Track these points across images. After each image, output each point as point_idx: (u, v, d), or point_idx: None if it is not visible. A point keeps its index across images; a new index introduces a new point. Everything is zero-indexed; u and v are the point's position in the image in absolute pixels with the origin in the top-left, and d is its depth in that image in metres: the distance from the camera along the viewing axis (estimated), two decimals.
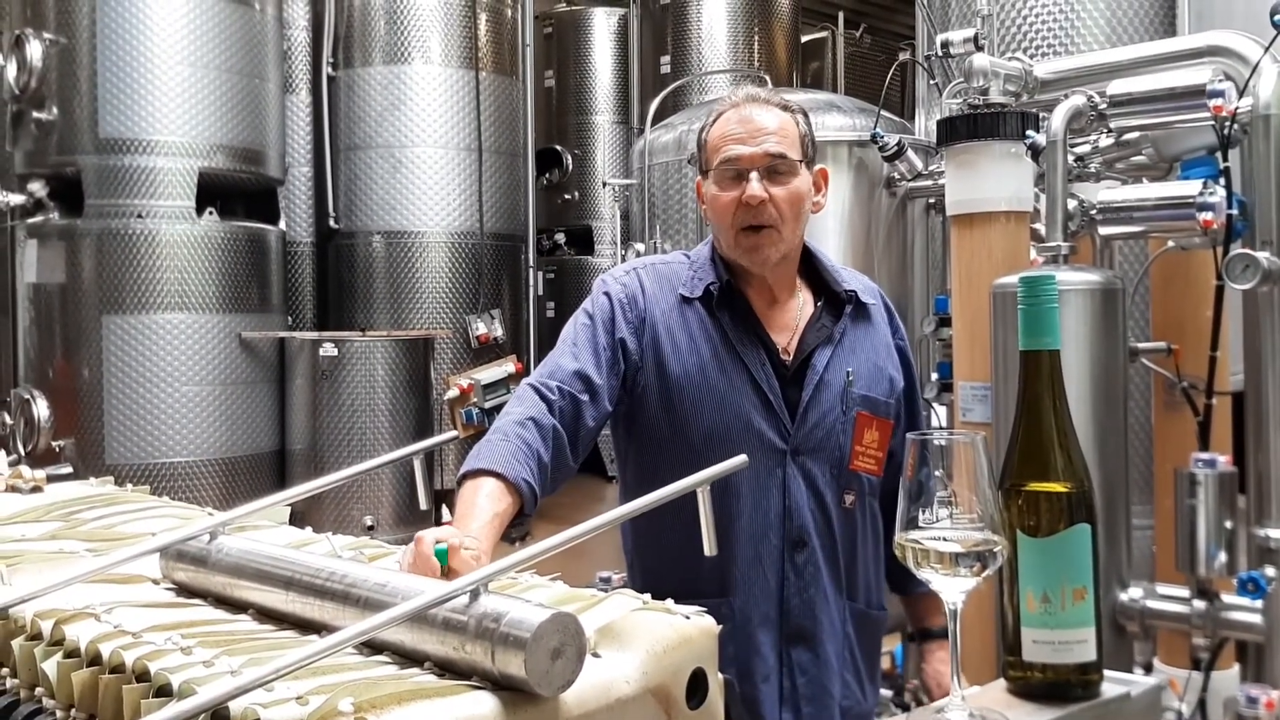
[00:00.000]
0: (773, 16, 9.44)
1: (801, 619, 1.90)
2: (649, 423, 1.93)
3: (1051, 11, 3.92)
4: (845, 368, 1.94)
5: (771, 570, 1.90)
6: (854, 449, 1.94)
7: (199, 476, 5.93)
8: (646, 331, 1.92)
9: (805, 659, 1.91)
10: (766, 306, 1.96)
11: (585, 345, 1.89)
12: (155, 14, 5.94)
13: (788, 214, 1.89)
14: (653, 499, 1.19)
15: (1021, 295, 1.13)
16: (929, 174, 4.09)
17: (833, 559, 1.94)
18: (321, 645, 0.88)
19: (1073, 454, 1.12)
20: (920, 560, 1.05)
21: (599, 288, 1.98)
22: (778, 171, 1.88)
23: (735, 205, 1.88)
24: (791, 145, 1.90)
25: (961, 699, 1.06)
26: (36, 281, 6.04)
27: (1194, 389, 2.43)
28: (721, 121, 1.94)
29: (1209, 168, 2.45)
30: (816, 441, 1.91)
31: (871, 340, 2.02)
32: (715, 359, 1.90)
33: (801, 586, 1.91)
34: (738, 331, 1.92)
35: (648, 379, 1.91)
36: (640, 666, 0.96)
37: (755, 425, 1.88)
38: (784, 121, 1.92)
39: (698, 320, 1.93)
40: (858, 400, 1.94)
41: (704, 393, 1.89)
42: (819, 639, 1.92)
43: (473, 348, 7.29)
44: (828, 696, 1.93)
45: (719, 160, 1.91)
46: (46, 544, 1.37)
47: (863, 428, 1.94)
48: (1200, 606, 2.23)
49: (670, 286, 1.96)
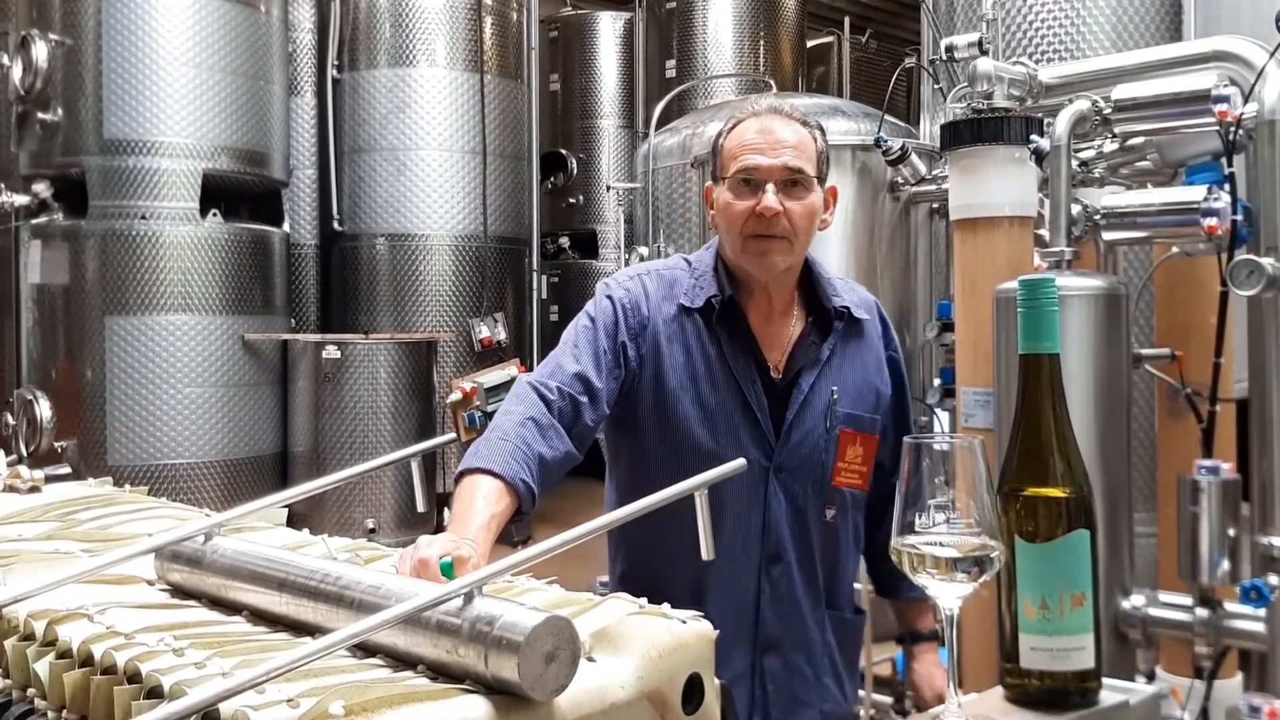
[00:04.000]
0: (778, 21, 9.44)
1: (774, 629, 1.93)
2: (641, 429, 1.94)
3: (1057, 16, 3.91)
4: (831, 386, 1.95)
5: (748, 581, 1.92)
6: (836, 465, 1.95)
7: (201, 478, 5.93)
8: (648, 339, 1.92)
9: (776, 667, 1.94)
10: (763, 322, 1.97)
11: (586, 348, 1.89)
12: (160, 16, 5.95)
13: (801, 228, 1.89)
14: (646, 504, 1.18)
15: (1021, 298, 1.12)
16: (933, 179, 4.09)
17: (809, 571, 1.96)
18: (313, 647, 0.87)
19: (1072, 459, 1.11)
20: (916, 565, 1.04)
21: (602, 291, 1.98)
22: (794, 184, 1.88)
23: (748, 215, 1.88)
24: (809, 161, 1.90)
25: (958, 706, 1.05)
26: (40, 282, 6.05)
27: (1198, 395, 2.42)
28: (740, 129, 1.94)
29: (1214, 173, 2.44)
30: (799, 459, 1.92)
31: (862, 356, 2.02)
32: (709, 374, 1.92)
33: (776, 598, 1.93)
34: (733, 347, 1.93)
35: (644, 386, 1.92)
36: (636, 671, 0.95)
37: (741, 442, 1.90)
38: (803, 137, 1.92)
39: (695, 332, 1.93)
40: (841, 418, 1.95)
41: (696, 407, 1.91)
42: (791, 648, 1.95)
43: (476, 351, 7.29)
44: (799, 704, 1.95)
45: (736, 168, 1.90)
46: (42, 544, 1.36)
47: (845, 445, 1.95)
48: (1203, 615, 2.22)
49: (672, 294, 1.96)
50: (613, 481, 2.05)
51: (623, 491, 2.00)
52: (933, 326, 3.87)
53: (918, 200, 4.20)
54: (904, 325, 4.10)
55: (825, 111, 4.22)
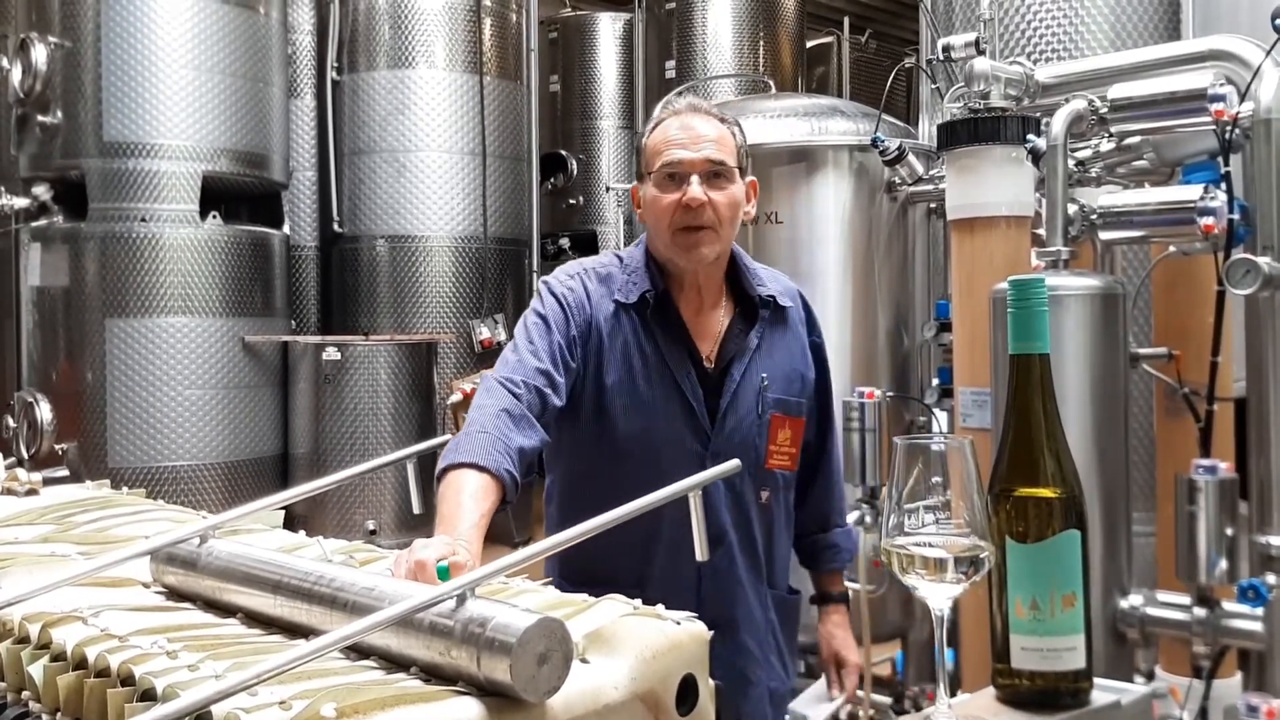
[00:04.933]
0: (778, 21, 9.43)
1: (717, 609, 1.97)
2: (580, 425, 2.00)
3: (1055, 16, 3.91)
4: (761, 373, 2.04)
5: (689, 565, 1.95)
6: (769, 449, 2.05)
7: (201, 480, 5.93)
8: (592, 336, 1.99)
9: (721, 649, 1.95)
10: (694, 314, 2.05)
11: (541, 343, 1.95)
12: (160, 18, 5.95)
13: (725, 217, 1.98)
14: (643, 503, 1.18)
15: (1011, 298, 1.12)
16: (930, 179, 4.08)
17: (750, 551, 2.05)
18: (306, 649, 0.87)
19: (1063, 459, 1.11)
20: (905, 566, 1.04)
21: (545, 290, 2.04)
22: (717, 176, 1.97)
23: (675, 207, 1.96)
24: (729, 154, 1.99)
25: (948, 706, 1.06)
26: (40, 285, 6.05)
27: (1195, 395, 2.42)
28: (662, 128, 2.02)
29: (1210, 172, 2.44)
30: (734, 445, 1.99)
31: (787, 342, 2.12)
32: (645, 369, 1.99)
33: (717, 580, 2.00)
34: (668, 340, 2.01)
35: (586, 383, 1.99)
36: (629, 672, 0.96)
37: (677, 432, 1.98)
38: (722, 131, 2.01)
39: (632, 328, 2.01)
40: (771, 403, 2.05)
41: (633, 399, 1.98)
42: (736, 627, 2.02)
43: (476, 352, 7.28)
44: (746, 684, 2.03)
45: (660, 163, 1.98)
46: (38, 547, 1.37)
47: (776, 428, 2.05)
48: (1201, 614, 2.22)
49: (608, 292, 2.04)
50: (553, 476, 2.09)
51: (564, 486, 2.08)
52: (930, 326, 3.87)
53: (915, 200, 4.19)
54: (901, 325, 4.09)
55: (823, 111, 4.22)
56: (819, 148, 4.03)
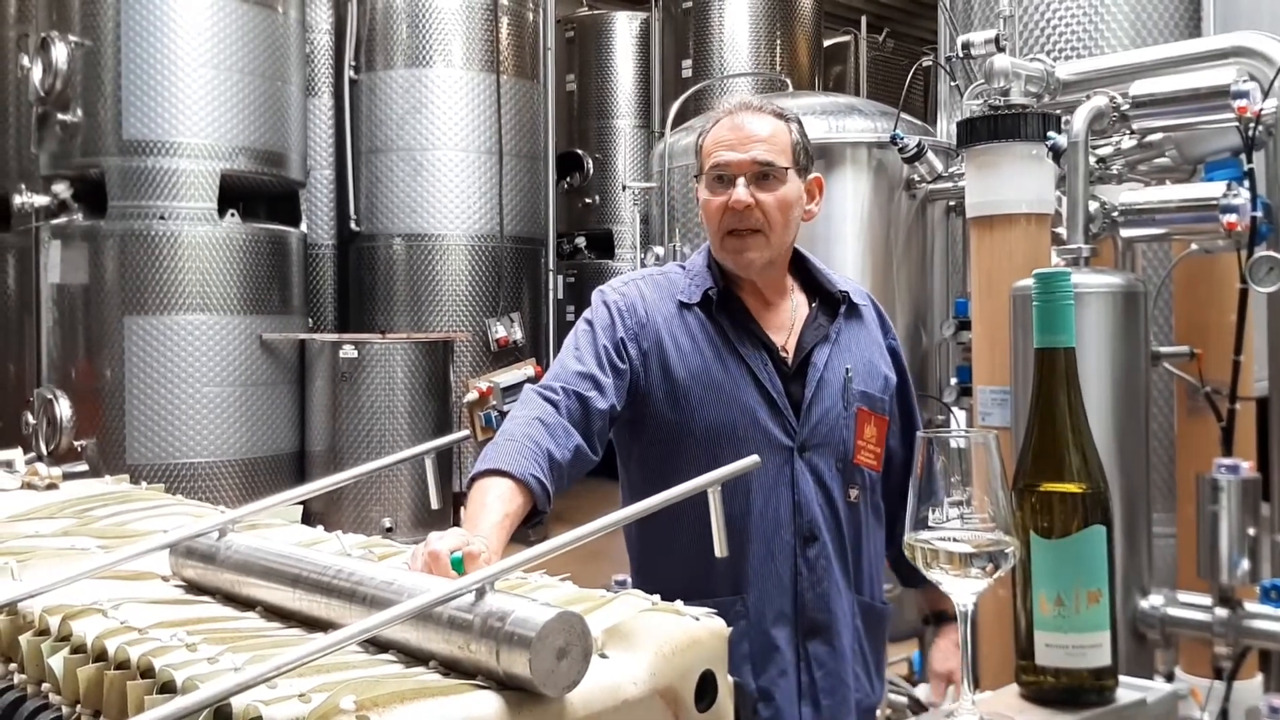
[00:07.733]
0: (795, 20, 9.42)
1: (816, 613, 1.92)
2: (654, 424, 1.95)
3: (1075, 13, 3.89)
4: (844, 365, 1.99)
5: (784, 566, 1.92)
6: (856, 444, 1.98)
7: (219, 477, 5.96)
8: (649, 336, 1.95)
9: (822, 653, 1.93)
10: (762, 308, 2.01)
11: (587, 348, 1.92)
12: (179, 17, 5.98)
13: (775, 219, 1.93)
14: (662, 499, 1.18)
15: (1036, 292, 1.11)
16: (949, 176, 4.07)
17: (841, 553, 1.97)
18: (325, 642, 0.87)
19: (1088, 454, 1.10)
20: (930, 561, 1.03)
21: (597, 298, 2.02)
22: (765, 177, 1.92)
23: (723, 210, 1.93)
24: (781, 153, 1.94)
25: (972, 703, 1.05)
26: (60, 282, 6.09)
27: (1217, 394, 2.40)
28: (716, 129, 1.99)
29: (1233, 170, 2.42)
30: (821, 437, 1.94)
31: (865, 340, 2.06)
32: (719, 359, 1.94)
33: (814, 580, 1.93)
34: (737, 332, 1.96)
35: (653, 382, 1.94)
36: (648, 668, 0.95)
37: (761, 422, 1.92)
38: (776, 129, 1.96)
39: (698, 324, 1.97)
40: (857, 396, 1.99)
41: (710, 391, 1.93)
42: (834, 631, 1.94)
43: (492, 351, 7.30)
44: (845, 689, 1.95)
45: (709, 165, 1.96)
46: (58, 540, 1.37)
47: (863, 423, 1.99)
48: (1222, 615, 2.20)
49: (669, 294, 2.01)
50: (626, 485, 2.05)
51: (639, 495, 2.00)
52: (949, 325, 3.85)
53: (934, 198, 4.18)
54: (920, 323, 4.08)
55: (841, 110, 4.21)
56: (837, 145, 4.03)
